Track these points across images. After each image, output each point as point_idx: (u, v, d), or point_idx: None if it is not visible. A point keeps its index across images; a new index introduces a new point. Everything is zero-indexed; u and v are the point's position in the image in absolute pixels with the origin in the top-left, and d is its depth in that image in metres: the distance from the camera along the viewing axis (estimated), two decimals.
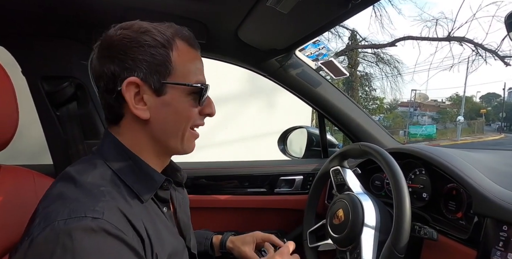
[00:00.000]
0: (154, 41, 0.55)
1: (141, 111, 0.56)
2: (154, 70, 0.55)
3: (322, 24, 0.81)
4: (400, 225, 0.70)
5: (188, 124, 0.60)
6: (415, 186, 0.97)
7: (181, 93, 0.58)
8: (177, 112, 0.58)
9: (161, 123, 0.58)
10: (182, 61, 0.57)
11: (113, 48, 0.55)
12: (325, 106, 1.23)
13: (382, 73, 12.94)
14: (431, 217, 0.88)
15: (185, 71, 0.58)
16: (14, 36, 0.92)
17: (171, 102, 0.57)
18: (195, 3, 0.82)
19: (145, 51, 0.54)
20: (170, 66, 0.56)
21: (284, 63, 1.14)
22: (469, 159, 0.88)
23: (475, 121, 25.64)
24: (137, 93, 0.55)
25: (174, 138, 0.60)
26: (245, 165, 1.32)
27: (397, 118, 26.49)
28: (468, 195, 0.78)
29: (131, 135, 0.58)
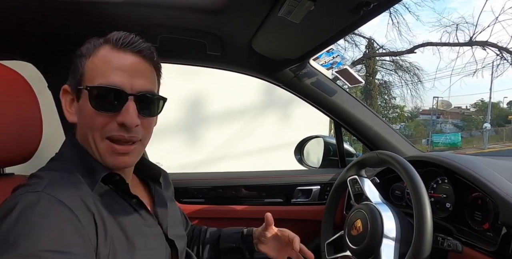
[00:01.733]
0: (79, 51, 0.61)
1: (70, 115, 0.63)
2: (72, 77, 0.62)
3: (335, 33, 0.81)
4: (421, 237, 0.67)
5: (94, 132, 0.58)
6: (437, 195, 0.93)
7: (86, 98, 0.57)
8: (83, 118, 0.59)
9: (81, 129, 0.61)
10: (93, 65, 0.58)
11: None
12: (341, 115, 1.22)
13: (401, 80, 12.70)
14: (455, 228, 0.84)
15: (93, 75, 0.58)
16: (41, 53, 0.97)
17: (82, 107, 0.59)
18: (210, 16, 0.84)
19: (73, 61, 0.62)
20: (80, 71, 0.59)
21: (298, 73, 1.14)
22: (494, 166, 0.84)
23: (503, 128, 24.43)
24: (72, 100, 0.62)
25: (89, 145, 0.60)
26: (261, 175, 1.32)
27: (418, 127, 25.67)
28: (495, 205, 0.74)
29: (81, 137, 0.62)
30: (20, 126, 0.66)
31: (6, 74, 0.67)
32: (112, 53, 0.58)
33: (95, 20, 0.85)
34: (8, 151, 0.65)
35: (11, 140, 0.64)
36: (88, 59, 0.59)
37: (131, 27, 0.89)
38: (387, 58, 12.08)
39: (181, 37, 0.94)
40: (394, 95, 15.64)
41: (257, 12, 0.77)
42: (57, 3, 0.80)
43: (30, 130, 0.69)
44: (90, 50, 0.60)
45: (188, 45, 0.99)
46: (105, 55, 0.59)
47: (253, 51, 1.00)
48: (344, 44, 10.26)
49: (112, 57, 0.58)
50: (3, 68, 0.67)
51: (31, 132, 0.70)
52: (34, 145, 0.71)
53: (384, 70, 13.13)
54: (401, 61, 12.13)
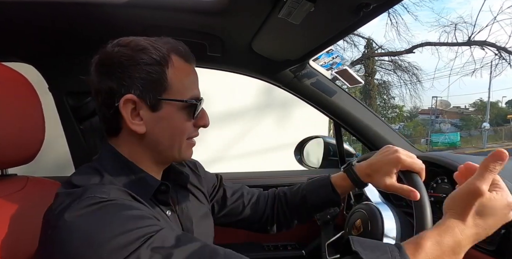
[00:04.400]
0: (151, 59, 0.58)
1: (137, 126, 0.59)
2: (150, 87, 0.58)
3: (335, 34, 0.82)
4: None
5: (183, 137, 0.63)
6: (437, 195, 0.93)
7: (176, 108, 0.60)
8: (172, 126, 0.61)
9: (157, 136, 0.61)
10: (178, 77, 0.60)
11: (111, 65, 0.58)
12: (341, 115, 1.22)
13: (400, 80, 12.68)
14: None
15: (180, 87, 0.60)
16: (41, 55, 0.98)
17: (166, 117, 0.60)
18: (211, 18, 0.85)
19: (141, 69, 0.57)
20: (165, 83, 0.59)
21: (298, 74, 1.15)
22: None
23: (502, 127, 24.39)
24: (134, 109, 0.58)
25: (170, 149, 0.63)
26: (261, 176, 1.32)
27: (418, 127, 25.60)
28: None
29: (128, 147, 0.62)
30: (23, 127, 0.66)
31: (10, 76, 0.67)
32: (186, 66, 0.62)
33: (97, 22, 0.86)
34: (11, 152, 0.65)
35: (14, 141, 0.65)
36: (168, 70, 0.59)
37: (133, 28, 0.90)
38: (386, 58, 12.09)
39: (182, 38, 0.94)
40: (393, 95, 15.61)
41: (257, 14, 0.78)
42: (59, 5, 0.80)
43: (33, 132, 0.70)
44: (164, 58, 0.59)
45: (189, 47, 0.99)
46: (182, 68, 0.61)
47: (253, 52, 1.01)
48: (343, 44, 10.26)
49: (188, 70, 0.63)
50: (7, 70, 0.67)
51: (34, 134, 0.70)
52: (36, 146, 0.71)
53: (383, 70, 13.15)
54: (400, 61, 12.16)
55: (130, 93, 0.57)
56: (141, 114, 0.59)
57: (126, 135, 0.61)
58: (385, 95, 15.43)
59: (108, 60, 0.58)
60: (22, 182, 0.70)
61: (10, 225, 0.59)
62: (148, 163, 0.63)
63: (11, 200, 0.63)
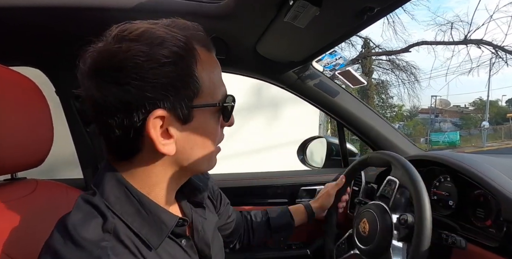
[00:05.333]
0: (175, 54, 0.43)
1: (168, 147, 0.46)
2: (182, 94, 0.44)
3: (338, 36, 0.83)
4: (419, 235, 0.68)
5: (215, 144, 0.52)
6: (440, 193, 0.95)
7: (209, 114, 0.49)
8: (205, 136, 0.49)
9: (187, 152, 0.49)
10: (207, 75, 0.47)
11: (121, 70, 0.42)
12: (344, 115, 1.24)
13: (398, 80, 12.61)
14: (459, 225, 0.86)
15: (211, 87, 0.48)
16: (48, 58, 0.99)
17: (198, 127, 0.48)
18: (215, 21, 0.86)
19: (166, 72, 0.42)
20: (197, 85, 0.45)
21: (301, 75, 1.16)
22: (495, 164, 0.86)
23: (502, 126, 24.27)
24: (161, 126, 0.45)
25: (201, 163, 0.51)
26: (265, 176, 1.33)
27: (417, 126, 25.48)
28: (497, 202, 0.76)
29: (146, 171, 0.48)
30: (32, 131, 0.67)
31: (19, 81, 0.68)
32: (211, 57, 0.49)
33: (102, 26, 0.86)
34: (21, 156, 0.66)
35: (23, 145, 0.65)
36: (197, 67, 0.45)
37: None
38: (384, 57, 12.05)
39: None
40: (391, 95, 15.56)
41: (262, 17, 0.79)
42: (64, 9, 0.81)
43: (42, 136, 0.70)
44: (192, 53, 0.45)
45: None
46: (208, 60, 0.48)
47: (258, 54, 1.02)
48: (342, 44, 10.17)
49: (214, 63, 0.50)
50: (16, 75, 0.68)
51: (43, 138, 0.71)
52: (45, 150, 0.72)
53: (381, 69, 13.05)
54: (397, 61, 12.12)
55: (159, 107, 0.43)
56: (171, 131, 0.45)
57: (146, 157, 0.47)
58: (383, 94, 15.39)
59: (113, 62, 0.42)
60: (32, 186, 0.70)
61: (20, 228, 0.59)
62: (163, 190, 0.51)
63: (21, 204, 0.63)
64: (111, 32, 0.45)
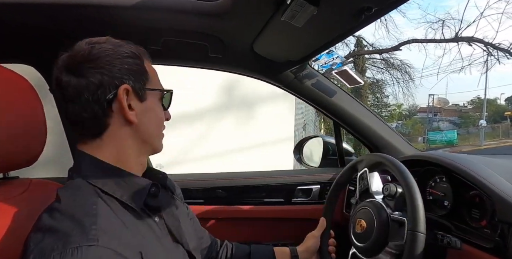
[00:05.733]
0: (131, 52, 0.60)
1: (132, 116, 0.60)
2: (138, 78, 0.61)
3: (335, 36, 0.83)
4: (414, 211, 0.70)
5: (162, 126, 0.68)
6: (436, 193, 0.95)
7: (157, 99, 0.65)
8: (156, 116, 0.65)
9: (146, 126, 0.63)
10: (151, 71, 0.65)
11: (96, 60, 0.57)
12: (340, 115, 1.24)
13: (393, 79, 12.37)
14: (454, 225, 0.86)
15: (156, 80, 0.66)
16: (43, 57, 0.97)
17: (151, 107, 0.63)
18: (213, 20, 0.85)
19: (126, 61, 0.59)
20: (147, 74, 0.62)
21: (298, 74, 1.16)
22: (491, 165, 0.87)
23: (499, 125, 24.17)
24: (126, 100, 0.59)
25: (157, 138, 0.67)
26: (261, 175, 1.33)
27: (416, 125, 25.38)
28: (492, 203, 0.76)
29: (115, 145, 0.60)
30: (25, 130, 0.66)
31: (12, 78, 0.67)
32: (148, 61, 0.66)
33: (98, 23, 0.86)
34: (13, 155, 0.65)
35: (16, 144, 0.64)
36: (144, 63, 0.63)
37: (135, 30, 0.90)
38: (378, 56, 11.81)
39: (184, 39, 0.95)
40: (387, 94, 15.35)
41: (260, 16, 0.78)
42: (60, 6, 0.80)
43: (35, 134, 0.69)
44: (139, 53, 0.62)
45: (190, 48, 1.00)
46: (150, 64, 0.66)
47: (255, 53, 1.02)
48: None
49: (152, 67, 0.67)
50: (8, 72, 0.67)
51: (36, 136, 0.70)
52: (38, 148, 0.71)
53: (376, 68, 12.83)
54: (392, 59, 11.89)
55: (125, 83, 0.58)
56: (133, 105, 0.60)
57: (114, 131, 0.60)
58: (378, 93, 15.10)
59: (90, 55, 0.57)
60: (25, 185, 0.70)
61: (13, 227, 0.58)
62: (132, 162, 0.62)
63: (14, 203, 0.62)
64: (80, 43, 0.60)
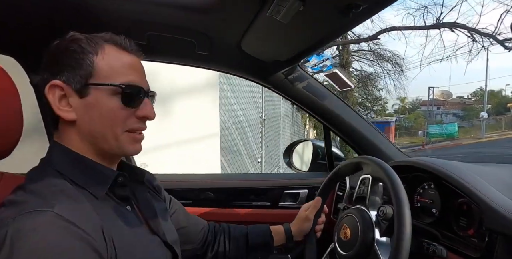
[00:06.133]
0: (79, 47, 0.59)
1: (65, 112, 0.58)
2: (76, 73, 0.58)
3: (324, 35, 0.81)
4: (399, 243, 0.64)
5: (117, 126, 0.60)
6: (423, 200, 0.93)
7: (105, 94, 0.59)
8: (101, 113, 0.59)
9: (87, 124, 0.59)
10: (107, 64, 0.59)
11: (47, 57, 0.60)
12: (330, 118, 1.22)
13: (383, 71, 11.73)
14: (440, 233, 0.83)
15: (109, 72, 0.60)
16: (23, 46, 0.95)
17: (94, 103, 0.59)
18: (199, 15, 0.83)
19: (70, 57, 0.58)
20: (90, 68, 0.58)
21: (289, 76, 1.14)
22: (480, 173, 0.84)
23: (502, 116, 23.68)
24: (64, 96, 0.58)
25: (106, 140, 0.60)
26: (249, 178, 1.31)
27: (418, 118, 24.96)
28: (480, 211, 0.74)
29: (67, 137, 0.61)
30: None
31: None
32: (121, 53, 0.61)
33: (82, 14, 0.83)
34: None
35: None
36: (96, 56, 0.59)
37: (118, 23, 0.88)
38: (366, 48, 11.27)
39: (169, 35, 0.93)
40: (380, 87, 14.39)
41: (246, 12, 0.76)
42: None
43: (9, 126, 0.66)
44: (95, 47, 0.59)
45: (177, 44, 0.97)
46: (115, 55, 0.61)
47: (243, 51, 0.99)
48: None
49: (123, 57, 0.62)
50: None
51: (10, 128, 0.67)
52: (13, 141, 0.68)
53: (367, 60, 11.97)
54: (381, 51, 11.22)
55: (55, 79, 0.58)
56: (70, 101, 0.58)
57: (62, 124, 0.61)
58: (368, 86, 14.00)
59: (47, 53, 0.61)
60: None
61: None
62: (94, 155, 0.61)
63: None
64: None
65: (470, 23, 8.03)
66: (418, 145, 17.82)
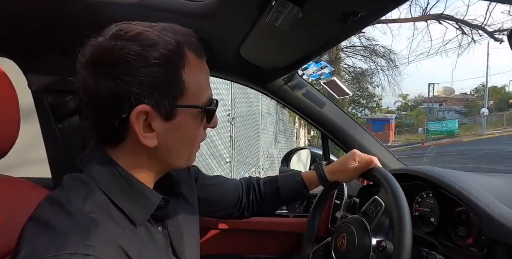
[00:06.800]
0: (164, 57, 0.48)
1: (150, 140, 0.50)
2: (166, 93, 0.49)
3: (323, 42, 0.82)
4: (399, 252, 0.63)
5: (195, 144, 0.58)
6: (422, 209, 0.92)
7: (192, 115, 0.53)
8: (185, 135, 0.54)
9: (168, 147, 0.53)
10: (194, 78, 0.52)
11: (113, 65, 0.47)
12: (329, 126, 1.22)
13: (377, 66, 11.36)
14: (439, 242, 0.82)
15: (197, 90, 0.53)
16: (22, 50, 0.95)
17: (180, 125, 0.53)
18: (199, 21, 0.84)
19: (154, 71, 0.47)
20: (182, 86, 0.50)
21: (287, 83, 1.14)
22: (479, 181, 0.84)
23: (504, 113, 23.03)
24: (145, 120, 0.50)
25: (179, 158, 0.57)
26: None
27: (420, 115, 24.51)
28: (479, 220, 0.73)
29: (129, 158, 0.53)
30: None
31: None
32: (199, 62, 0.54)
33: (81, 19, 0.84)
34: None
35: None
36: (184, 70, 0.50)
37: None
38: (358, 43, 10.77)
39: None
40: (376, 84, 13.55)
41: (246, 18, 0.77)
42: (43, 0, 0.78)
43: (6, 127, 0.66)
44: (181, 57, 0.50)
45: None
46: (196, 66, 0.53)
47: (242, 58, 1.00)
48: None
49: (202, 67, 0.55)
50: None
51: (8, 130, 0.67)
52: (8, 143, 0.68)
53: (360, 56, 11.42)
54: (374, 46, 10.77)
55: (143, 102, 0.48)
56: (153, 126, 0.50)
57: (129, 146, 0.52)
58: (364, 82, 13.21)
59: (108, 57, 0.47)
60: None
61: None
62: (146, 174, 0.55)
63: None
64: (110, 29, 0.50)
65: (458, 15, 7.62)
66: (418, 143, 17.55)
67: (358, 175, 0.84)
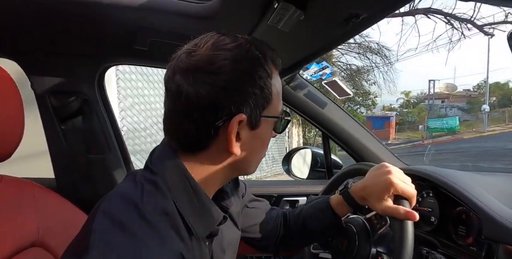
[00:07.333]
0: (265, 72, 0.50)
1: (236, 148, 0.51)
2: (260, 103, 0.50)
3: (325, 44, 0.82)
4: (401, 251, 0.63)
5: (265, 151, 0.59)
6: (422, 209, 0.93)
7: (270, 124, 0.55)
8: (262, 143, 0.56)
9: (247, 155, 0.54)
10: (276, 89, 0.53)
11: (219, 74, 0.47)
12: (330, 126, 1.22)
13: (371, 63, 11.20)
14: (439, 242, 0.83)
15: (277, 100, 0.54)
16: (25, 52, 0.95)
17: (261, 134, 0.54)
18: (201, 22, 0.84)
19: (255, 84, 0.49)
20: (270, 97, 0.52)
21: (289, 84, 1.15)
22: (479, 181, 0.85)
23: (506, 109, 22.62)
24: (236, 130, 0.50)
25: (253, 165, 0.58)
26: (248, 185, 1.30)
27: (422, 112, 24.22)
28: (479, 219, 0.74)
29: (204, 168, 0.53)
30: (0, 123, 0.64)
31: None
32: (277, 73, 0.56)
33: (85, 21, 0.84)
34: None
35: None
36: (271, 80, 0.51)
37: (122, 29, 0.89)
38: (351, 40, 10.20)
39: (171, 41, 0.94)
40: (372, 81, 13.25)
41: (248, 20, 0.77)
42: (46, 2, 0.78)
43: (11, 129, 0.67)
44: (270, 68, 0.51)
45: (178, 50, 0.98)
46: (276, 76, 0.55)
47: None
48: None
49: (279, 77, 0.56)
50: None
51: (12, 131, 0.67)
52: (13, 144, 0.68)
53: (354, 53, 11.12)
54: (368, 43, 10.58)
55: (242, 112, 0.48)
56: (241, 134, 0.51)
57: (210, 154, 0.52)
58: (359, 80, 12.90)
59: (213, 65, 0.47)
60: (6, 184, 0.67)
61: None
62: (213, 186, 0.55)
63: None
64: (207, 39, 0.51)
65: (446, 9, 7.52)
66: (419, 140, 17.38)
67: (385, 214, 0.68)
